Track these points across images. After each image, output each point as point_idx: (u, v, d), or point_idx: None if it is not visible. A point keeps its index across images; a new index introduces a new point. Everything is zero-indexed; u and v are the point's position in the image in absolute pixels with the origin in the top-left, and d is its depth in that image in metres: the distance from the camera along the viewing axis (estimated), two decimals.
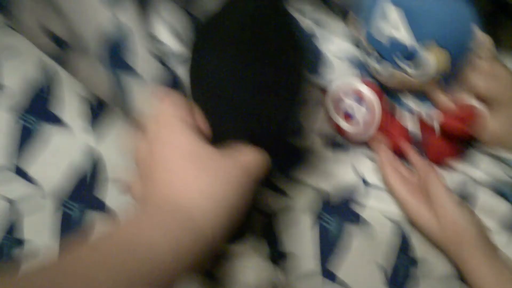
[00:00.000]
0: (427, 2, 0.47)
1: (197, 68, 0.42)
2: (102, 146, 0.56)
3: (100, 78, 0.46)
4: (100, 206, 0.55)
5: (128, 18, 0.44)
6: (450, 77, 0.51)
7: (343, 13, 0.59)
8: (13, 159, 0.54)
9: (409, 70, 0.49)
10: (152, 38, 0.47)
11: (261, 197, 0.53)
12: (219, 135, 0.41)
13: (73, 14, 0.42)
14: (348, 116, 0.55)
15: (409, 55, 0.48)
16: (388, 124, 0.55)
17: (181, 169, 0.35)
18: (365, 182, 0.56)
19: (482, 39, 0.48)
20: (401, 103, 0.56)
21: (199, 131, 0.38)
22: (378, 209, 0.55)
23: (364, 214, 0.55)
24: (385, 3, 0.48)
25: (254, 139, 0.40)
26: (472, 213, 0.50)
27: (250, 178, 0.37)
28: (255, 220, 0.51)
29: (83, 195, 0.55)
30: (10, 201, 0.54)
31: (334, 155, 0.58)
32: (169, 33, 0.49)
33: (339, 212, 0.55)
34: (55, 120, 0.55)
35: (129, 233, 0.31)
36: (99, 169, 0.55)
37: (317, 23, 0.60)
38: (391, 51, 0.49)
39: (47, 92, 0.55)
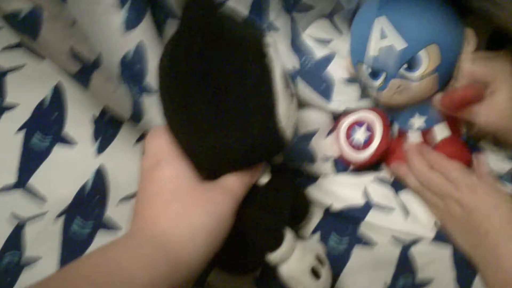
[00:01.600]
0: (407, 7, 0.49)
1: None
2: (112, 168, 0.56)
3: (120, 97, 0.47)
4: (109, 225, 0.55)
5: (146, 39, 0.45)
6: (446, 71, 0.52)
7: None
8: (24, 176, 0.54)
9: (406, 74, 0.51)
10: None
11: None
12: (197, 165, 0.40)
13: (96, 36, 0.44)
14: (357, 145, 0.57)
15: (404, 59, 0.50)
16: (397, 147, 0.57)
17: (170, 207, 0.36)
18: (373, 203, 0.56)
19: (469, 35, 0.51)
20: (407, 125, 0.57)
21: (186, 162, 0.39)
22: (387, 228, 0.55)
23: (372, 233, 0.55)
24: (370, 20, 0.51)
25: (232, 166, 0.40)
26: None
27: (233, 199, 0.39)
28: None
29: (92, 213, 0.55)
30: (20, 218, 0.54)
31: (344, 178, 0.59)
32: None
33: (347, 232, 0.56)
34: (66, 140, 0.56)
35: (109, 258, 0.32)
36: (108, 190, 0.56)
37: (330, 48, 0.61)
38: (386, 62, 0.51)
39: (58, 114, 0.56)
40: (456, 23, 0.51)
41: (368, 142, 0.56)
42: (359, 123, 0.57)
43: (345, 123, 0.58)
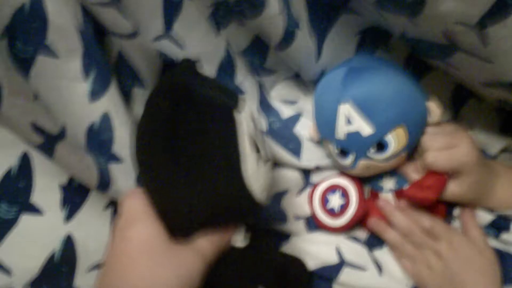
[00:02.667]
0: (374, 91, 0.49)
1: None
2: (81, 235, 0.55)
3: (86, 167, 0.47)
4: None
5: (112, 108, 0.45)
6: (413, 146, 0.53)
7: None
8: None
9: (375, 156, 0.51)
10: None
11: None
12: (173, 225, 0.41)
13: (60, 109, 0.43)
14: (333, 212, 0.57)
15: (372, 143, 0.50)
16: (371, 208, 0.57)
17: (138, 265, 0.36)
18: (347, 262, 0.55)
19: (432, 108, 0.51)
20: (379, 187, 0.57)
21: (159, 223, 0.39)
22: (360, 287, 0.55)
23: None
24: (334, 104, 0.50)
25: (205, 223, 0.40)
26: None
27: (203, 261, 0.39)
28: None
29: (61, 285, 0.53)
30: None
31: (317, 237, 0.58)
32: None
33: None
34: (34, 209, 0.55)
35: None
36: (78, 259, 0.54)
37: (296, 108, 0.62)
38: (353, 145, 0.51)
39: (26, 182, 0.55)
40: (421, 97, 0.51)
41: (344, 208, 0.56)
42: (333, 189, 0.57)
43: (319, 190, 0.58)
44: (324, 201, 0.57)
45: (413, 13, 0.41)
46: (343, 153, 0.53)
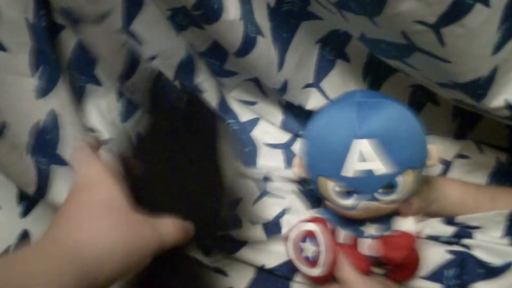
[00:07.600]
0: (393, 128, 0.46)
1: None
2: (38, 231, 0.55)
3: (24, 169, 0.46)
4: None
5: (60, 106, 0.44)
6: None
7: (280, 103, 0.61)
8: None
9: (381, 198, 0.47)
10: (84, 126, 0.48)
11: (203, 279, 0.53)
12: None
13: (4, 104, 0.43)
14: (309, 260, 0.51)
15: (387, 184, 0.47)
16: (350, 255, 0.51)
17: (90, 220, 0.34)
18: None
19: (432, 151, 0.49)
20: (359, 231, 0.52)
21: (126, 194, 0.38)
22: None
23: None
24: (347, 139, 0.46)
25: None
26: None
27: (160, 245, 0.37)
28: None
29: None
30: None
31: (273, 237, 0.56)
32: (100, 120, 0.50)
33: None
34: None
35: (19, 272, 0.30)
36: None
37: (255, 110, 0.61)
38: (363, 184, 0.47)
39: None
40: (425, 139, 0.49)
41: (317, 255, 0.50)
42: (303, 238, 0.52)
43: (291, 239, 0.53)
44: (300, 250, 0.52)
45: (374, 12, 0.41)
46: (346, 193, 0.48)
